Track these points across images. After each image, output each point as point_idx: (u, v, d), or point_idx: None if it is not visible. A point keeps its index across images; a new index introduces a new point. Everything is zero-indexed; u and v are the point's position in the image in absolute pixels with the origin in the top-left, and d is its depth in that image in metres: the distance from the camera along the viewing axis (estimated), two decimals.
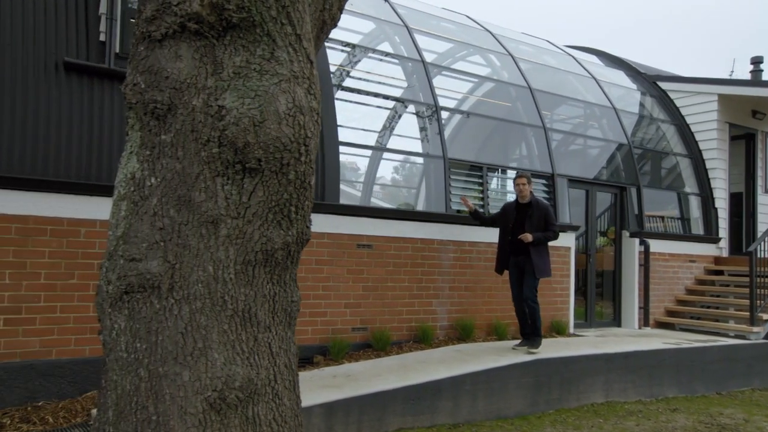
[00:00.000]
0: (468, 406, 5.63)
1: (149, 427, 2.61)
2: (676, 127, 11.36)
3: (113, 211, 2.82)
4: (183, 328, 2.65)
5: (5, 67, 4.91)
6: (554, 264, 8.40)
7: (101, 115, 5.29)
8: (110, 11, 5.31)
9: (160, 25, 2.64)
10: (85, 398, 4.99)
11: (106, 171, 5.26)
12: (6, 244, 4.79)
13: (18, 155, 4.89)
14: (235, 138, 2.63)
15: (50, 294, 4.97)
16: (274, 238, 2.80)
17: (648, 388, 7.06)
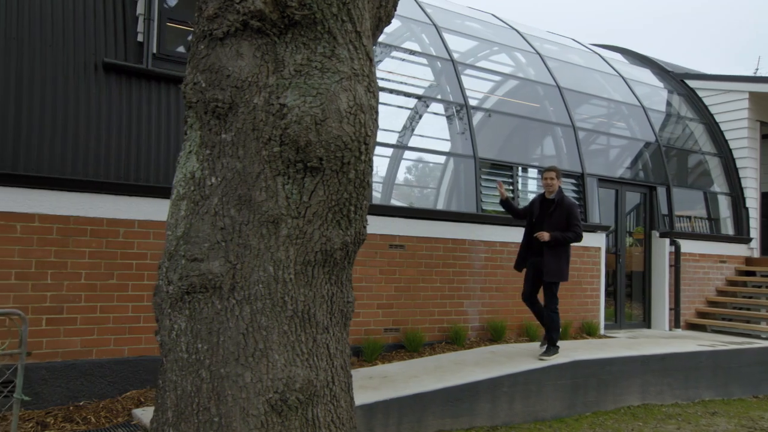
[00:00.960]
0: (506, 408, 5.56)
1: (211, 428, 2.58)
2: (704, 125, 11.18)
3: (172, 211, 2.81)
4: (244, 328, 2.62)
5: (47, 67, 4.93)
6: (584, 264, 8.31)
7: (139, 116, 5.30)
8: (148, 12, 5.32)
9: (221, 23, 2.62)
10: (125, 398, 5.00)
11: (144, 171, 5.27)
12: (48, 244, 4.82)
13: (59, 155, 4.91)
14: (297, 136, 2.60)
15: (90, 294, 4.98)
16: (334, 238, 2.76)
17: (684, 391, 6.94)
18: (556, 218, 6.07)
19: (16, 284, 4.68)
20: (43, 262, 4.79)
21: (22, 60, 4.84)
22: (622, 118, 10.31)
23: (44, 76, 4.92)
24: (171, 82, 5.48)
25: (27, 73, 4.85)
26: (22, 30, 4.88)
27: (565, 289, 8.09)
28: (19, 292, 4.69)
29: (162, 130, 5.38)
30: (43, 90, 4.90)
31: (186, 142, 2.80)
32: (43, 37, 4.96)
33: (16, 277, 4.69)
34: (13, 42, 4.81)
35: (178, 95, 5.51)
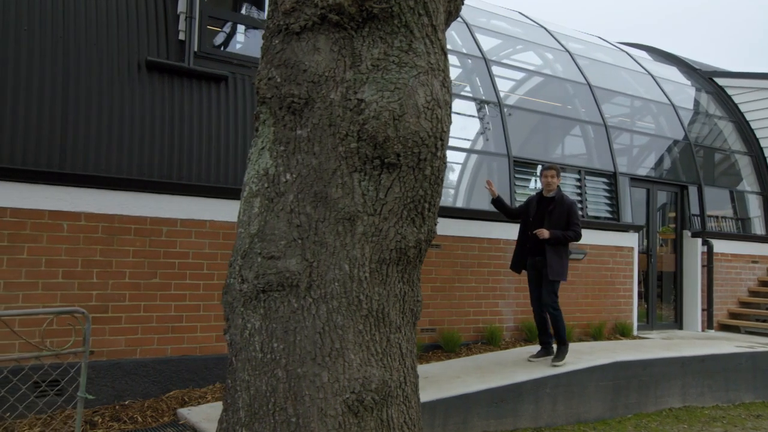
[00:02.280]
0: (549, 409, 5.49)
1: (288, 428, 2.55)
2: (734, 123, 11.04)
3: (244, 208, 2.78)
4: (321, 327, 2.59)
5: (91, 67, 4.93)
6: (617, 264, 8.22)
7: (181, 114, 5.29)
8: (189, 10, 5.30)
9: (299, 17, 2.58)
10: (169, 398, 4.98)
11: (186, 169, 5.26)
12: (93, 243, 4.81)
13: (104, 154, 4.91)
14: (375, 132, 2.55)
15: (134, 293, 4.97)
16: (408, 235, 2.72)
17: (725, 393, 6.83)
18: (555, 217, 5.88)
19: (63, 283, 4.68)
20: (89, 260, 4.79)
21: (68, 60, 4.84)
22: (652, 116, 10.20)
23: (89, 75, 4.91)
24: (212, 80, 5.46)
25: (73, 73, 4.85)
26: (67, 30, 4.88)
27: (598, 289, 8.03)
28: (65, 291, 4.69)
29: (203, 128, 5.37)
30: (89, 89, 4.90)
31: (257, 138, 2.77)
32: (87, 37, 4.96)
33: (63, 275, 4.69)
34: (59, 42, 4.81)
35: (219, 93, 5.49)
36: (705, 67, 12.38)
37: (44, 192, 4.60)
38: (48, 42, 4.78)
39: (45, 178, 4.59)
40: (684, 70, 11.93)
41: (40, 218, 4.61)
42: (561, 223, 5.87)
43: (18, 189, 4.50)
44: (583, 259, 7.81)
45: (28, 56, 4.69)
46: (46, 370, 3.73)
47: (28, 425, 4.27)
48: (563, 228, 5.87)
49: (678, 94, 10.68)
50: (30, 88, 4.67)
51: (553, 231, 5.80)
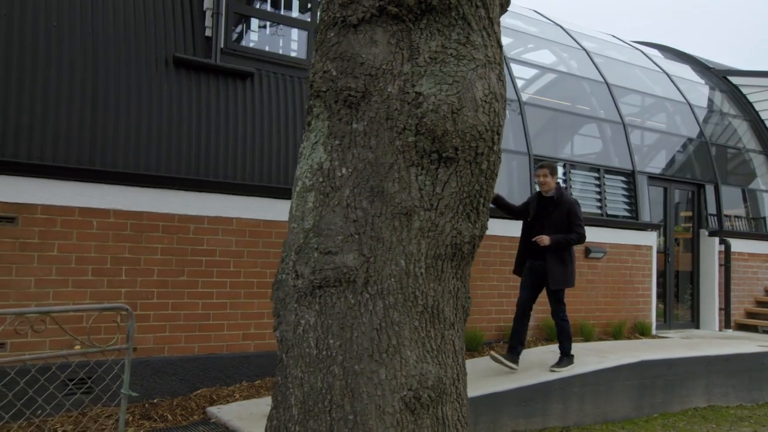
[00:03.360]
0: (576, 408, 5.46)
1: (346, 426, 2.51)
2: (749, 122, 11.01)
3: (297, 203, 2.74)
4: (378, 324, 2.55)
5: (120, 63, 4.90)
6: (636, 263, 8.18)
7: (208, 110, 5.26)
8: (216, 6, 5.27)
9: (356, 10, 2.55)
10: (197, 396, 4.95)
11: (213, 167, 5.22)
12: (122, 240, 4.78)
13: (132, 150, 4.88)
14: (434, 126, 2.52)
15: (162, 291, 4.95)
16: (463, 231, 2.69)
17: (748, 393, 6.80)
18: (556, 218, 5.46)
19: (92, 280, 4.65)
20: (118, 258, 4.76)
21: (97, 56, 4.82)
22: (668, 114, 10.16)
23: (118, 71, 4.89)
24: (238, 76, 5.43)
25: (102, 69, 4.82)
26: (96, 25, 4.85)
27: (618, 288, 7.99)
28: (95, 288, 4.66)
29: (229, 125, 5.34)
30: (117, 85, 4.87)
31: (310, 132, 2.73)
32: (116, 33, 4.93)
33: (92, 273, 4.66)
34: (88, 38, 4.78)
35: (245, 89, 5.46)
36: (717, 65, 12.35)
37: (74, 189, 4.57)
38: (77, 38, 4.75)
39: (75, 175, 4.56)
40: (697, 69, 11.91)
41: (70, 215, 4.58)
42: (562, 225, 5.44)
43: (48, 186, 4.48)
44: (603, 258, 7.78)
45: (58, 52, 4.66)
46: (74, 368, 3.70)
47: (60, 422, 4.24)
48: (565, 229, 5.44)
49: (692, 93, 10.65)
50: (60, 85, 4.64)
51: (554, 237, 5.35)
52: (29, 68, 4.53)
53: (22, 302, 4.33)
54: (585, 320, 7.51)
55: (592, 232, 7.67)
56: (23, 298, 4.36)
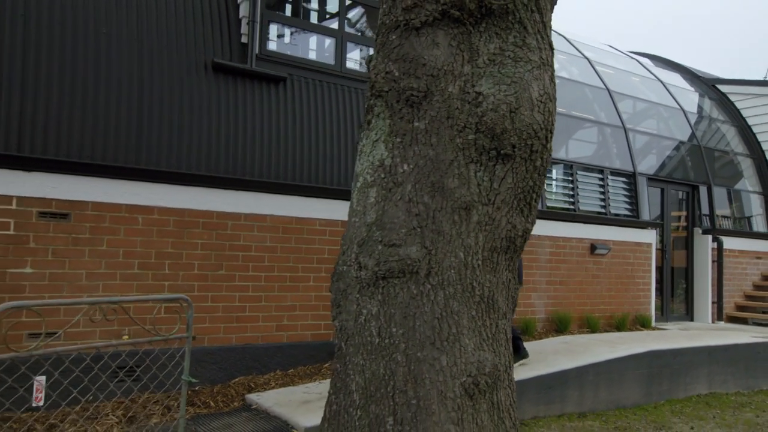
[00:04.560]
0: (591, 396, 5.44)
1: (409, 411, 2.47)
2: (737, 128, 11.02)
3: (358, 198, 2.70)
4: (439, 313, 2.52)
5: (163, 68, 4.85)
6: (637, 260, 8.16)
7: (244, 113, 5.21)
8: (252, 14, 5.22)
9: (419, 13, 2.51)
10: (236, 384, 4.90)
11: (249, 166, 5.17)
12: (165, 235, 4.73)
13: (175, 150, 4.83)
14: (493, 124, 2.49)
15: (202, 284, 4.89)
16: (517, 225, 2.65)
17: (745, 380, 6.80)
18: None
19: (138, 273, 4.59)
20: (161, 252, 4.71)
21: (143, 61, 4.76)
22: (663, 120, 10.16)
23: (161, 76, 4.83)
24: (271, 81, 5.38)
25: (147, 74, 4.77)
26: (141, 32, 4.80)
27: (620, 283, 7.97)
28: (140, 282, 4.60)
29: (264, 126, 5.29)
30: (161, 89, 4.81)
31: (370, 131, 2.69)
32: (159, 39, 4.88)
33: (138, 267, 4.60)
34: (135, 44, 4.73)
35: (278, 93, 5.41)
36: (705, 74, 12.36)
37: (122, 187, 4.52)
38: (125, 44, 4.69)
39: (123, 173, 4.51)
40: (687, 77, 11.92)
41: (117, 212, 4.52)
42: None
43: (98, 184, 4.42)
44: (607, 255, 7.76)
45: (107, 58, 4.60)
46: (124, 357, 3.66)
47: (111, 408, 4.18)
48: None
49: (684, 100, 10.66)
50: (109, 88, 4.58)
51: None
52: (81, 73, 4.48)
53: (74, 294, 4.28)
54: (591, 313, 7.49)
55: (597, 230, 7.68)
56: (75, 290, 4.30)
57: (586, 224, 7.53)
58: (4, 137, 4.10)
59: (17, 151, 4.13)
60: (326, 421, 2.76)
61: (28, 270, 4.14)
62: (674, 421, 5.28)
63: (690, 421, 5.29)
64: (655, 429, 4.98)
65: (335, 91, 5.77)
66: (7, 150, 4.10)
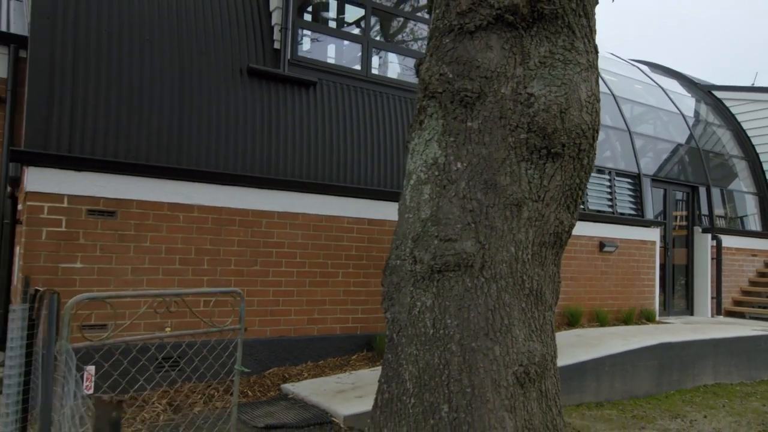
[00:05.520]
0: (607, 386, 5.41)
1: (464, 398, 2.46)
2: (732, 132, 11.00)
3: (411, 195, 2.68)
4: (492, 305, 2.50)
5: (201, 72, 4.83)
6: (642, 257, 8.14)
7: (277, 115, 5.19)
8: (284, 21, 5.20)
9: (474, 17, 2.50)
10: (270, 374, 4.88)
11: (282, 166, 5.15)
12: (204, 233, 4.71)
13: (213, 151, 4.81)
14: (545, 124, 2.47)
15: (239, 279, 4.87)
16: (564, 220, 2.64)
17: (747, 371, 6.77)
18: None
19: (179, 269, 4.57)
20: (200, 249, 4.69)
21: (182, 66, 4.74)
22: (664, 123, 10.14)
23: (200, 80, 4.81)
24: (303, 85, 5.36)
25: (186, 78, 4.75)
26: (181, 39, 4.78)
27: (627, 279, 7.95)
28: (182, 276, 4.58)
29: (296, 128, 5.27)
30: (200, 92, 4.79)
31: (422, 130, 2.67)
32: (197, 45, 4.86)
33: (179, 262, 4.58)
34: (175, 50, 4.71)
35: (308, 97, 5.39)
36: (701, 81, 12.34)
37: (164, 186, 4.50)
38: (166, 51, 4.67)
39: (165, 173, 4.49)
40: (684, 84, 11.89)
41: (160, 210, 4.50)
42: None
43: (143, 183, 4.40)
44: (614, 252, 7.73)
45: (150, 63, 4.58)
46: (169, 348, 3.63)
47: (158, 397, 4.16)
48: None
49: (683, 105, 10.64)
50: (152, 92, 4.56)
51: None
52: (127, 77, 4.46)
53: (120, 288, 4.26)
54: (600, 307, 7.47)
55: (605, 228, 7.66)
56: (121, 284, 4.29)
57: (595, 223, 7.51)
58: (56, 139, 4.08)
59: (68, 152, 4.11)
60: (378, 408, 2.75)
61: (78, 265, 4.12)
62: (687, 410, 5.25)
63: (701, 410, 5.27)
64: (671, 417, 4.95)
65: (361, 94, 5.75)
66: (60, 151, 4.08)
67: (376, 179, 5.70)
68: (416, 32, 6.47)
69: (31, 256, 3.96)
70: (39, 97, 4.05)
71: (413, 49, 6.32)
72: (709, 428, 4.69)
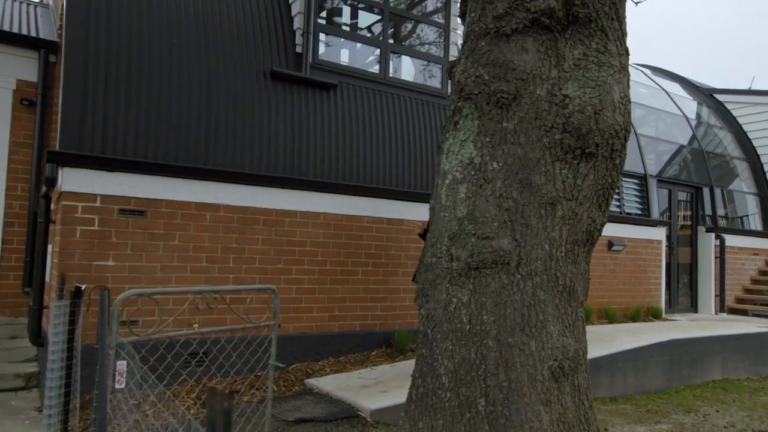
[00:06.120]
0: (621, 381, 5.40)
1: (501, 392, 2.45)
2: (733, 134, 10.98)
3: (447, 194, 2.68)
4: (528, 301, 2.50)
5: (227, 75, 4.83)
6: (649, 256, 8.12)
7: (300, 117, 5.19)
8: (306, 26, 5.20)
9: (510, 21, 2.49)
10: (294, 369, 4.87)
11: (305, 167, 5.15)
12: (230, 231, 4.71)
13: (239, 152, 4.81)
14: (580, 125, 2.47)
15: (263, 277, 4.87)
16: (596, 219, 2.63)
17: (754, 367, 6.75)
18: None
19: (206, 267, 4.58)
20: (226, 247, 4.69)
21: (209, 70, 4.74)
22: (667, 126, 10.12)
23: (226, 83, 4.82)
24: (323, 88, 5.36)
25: (213, 81, 4.75)
26: (208, 43, 4.78)
27: (634, 277, 7.93)
28: (208, 274, 4.58)
29: (318, 130, 5.27)
30: (226, 95, 4.80)
31: (457, 131, 2.67)
32: (223, 49, 4.86)
33: (206, 260, 4.58)
34: (202, 54, 4.71)
35: (329, 99, 5.39)
36: (703, 85, 12.31)
37: (191, 186, 4.50)
38: (194, 55, 4.68)
39: (192, 173, 4.49)
40: (686, 87, 11.87)
41: (188, 209, 4.50)
42: None
43: (171, 183, 4.40)
44: (622, 251, 7.72)
45: (178, 67, 4.59)
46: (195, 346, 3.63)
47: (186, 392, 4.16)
48: None
49: (686, 107, 10.62)
50: (180, 94, 4.57)
51: None
52: (156, 80, 4.47)
53: (150, 285, 4.26)
54: (609, 305, 7.46)
55: (613, 228, 7.64)
56: (151, 282, 4.29)
57: (617, 224, 7.50)
58: (90, 140, 4.09)
59: (101, 153, 4.12)
60: (413, 402, 2.74)
61: (110, 263, 4.12)
62: (698, 404, 5.24)
63: (713, 404, 5.25)
64: (684, 412, 4.94)
65: (379, 97, 5.75)
66: (93, 152, 4.08)
67: (394, 179, 5.69)
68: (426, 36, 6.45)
69: (66, 254, 3.97)
70: (73, 101, 4.05)
71: (430, 53, 6.31)
72: (722, 422, 4.67)
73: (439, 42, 6.35)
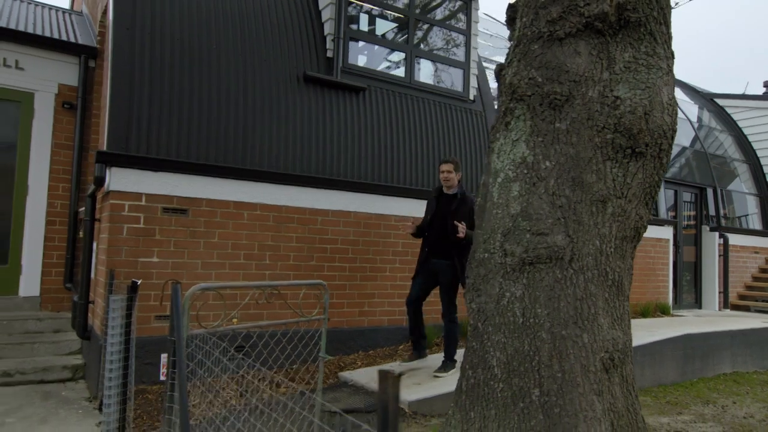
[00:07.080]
0: (639, 374, 5.39)
1: (555, 383, 2.44)
2: (734, 137, 10.98)
3: (499, 192, 2.67)
4: (580, 295, 2.49)
5: (263, 79, 4.83)
6: (657, 254, 8.12)
7: (331, 119, 5.19)
8: (337, 32, 5.20)
9: (564, 25, 2.49)
10: (327, 363, 4.86)
11: (336, 168, 5.15)
12: (266, 229, 4.70)
13: (274, 153, 4.80)
14: (631, 125, 2.46)
15: (297, 273, 4.87)
16: (643, 216, 2.63)
17: (761, 361, 6.75)
18: (460, 216, 4.38)
19: (244, 263, 4.57)
20: (262, 245, 4.69)
21: (246, 73, 4.74)
22: None
23: (262, 86, 4.82)
24: (353, 91, 5.36)
25: (250, 84, 4.75)
26: (245, 47, 4.78)
27: (643, 275, 7.93)
28: (246, 271, 4.58)
29: (348, 131, 5.27)
30: (263, 98, 4.80)
31: (509, 131, 2.67)
32: (259, 53, 4.86)
33: (243, 257, 4.58)
34: (239, 58, 4.71)
35: (358, 102, 5.39)
36: (703, 90, 12.32)
37: (230, 186, 4.50)
38: (232, 58, 4.68)
39: (231, 173, 4.49)
40: (687, 92, 11.87)
41: (226, 208, 4.50)
42: (466, 222, 4.34)
43: (211, 183, 4.40)
44: None
45: (217, 70, 4.59)
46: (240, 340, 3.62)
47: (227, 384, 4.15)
48: (469, 227, 4.30)
49: (688, 111, 10.61)
50: (219, 97, 4.57)
51: (468, 231, 4.22)
52: (197, 83, 4.47)
53: (192, 281, 4.25)
54: None
55: None
56: (193, 278, 4.28)
57: None
58: (136, 140, 4.09)
59: (146, 153, 4.12)
60: (463, 393, 2.73)
61: (155, 259, 4.12)
62: (714, 396, 5.23)
63: (728, 396, 5.25)
64: (703, 403, 4.94)
65: (406, 100, 5.75)
66: (138, 152, 4.08)
67: (420, 179, 5.69)
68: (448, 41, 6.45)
69: (113, 250, 3.97)
70: (120, 104, 4.05)
71: (452, 58, 6.30)
72: (741, 413, 4.66)
73: (459, 47, 6.34)
